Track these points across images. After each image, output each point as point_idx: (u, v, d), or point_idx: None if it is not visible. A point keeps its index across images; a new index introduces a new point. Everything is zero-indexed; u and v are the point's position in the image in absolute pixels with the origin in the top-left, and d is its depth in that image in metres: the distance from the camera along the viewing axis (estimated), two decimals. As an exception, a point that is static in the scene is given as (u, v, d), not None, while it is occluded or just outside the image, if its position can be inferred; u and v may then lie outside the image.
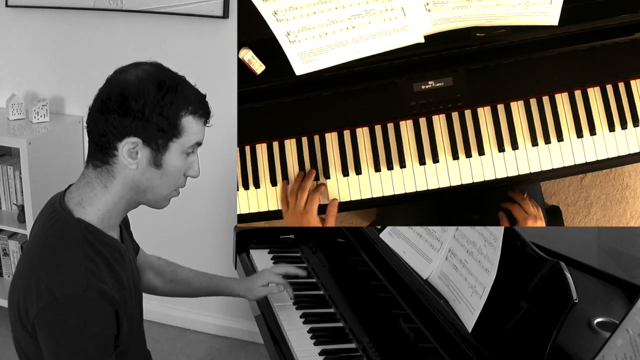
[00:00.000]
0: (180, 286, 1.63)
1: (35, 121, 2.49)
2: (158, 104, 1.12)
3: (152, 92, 1.12)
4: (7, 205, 2.65)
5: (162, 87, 1.13)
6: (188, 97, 1.16)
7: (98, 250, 1.16)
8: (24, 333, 1.15)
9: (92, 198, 1.19)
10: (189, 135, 1.17)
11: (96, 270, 1.13)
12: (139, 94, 1.12)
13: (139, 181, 1.18)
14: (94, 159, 1.18)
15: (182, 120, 1.16)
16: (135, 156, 1.15)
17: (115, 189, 1.18)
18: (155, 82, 1.13)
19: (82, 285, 1.09)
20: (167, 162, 1.18)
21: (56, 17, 2.50)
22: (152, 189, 1.20)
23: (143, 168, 1.17)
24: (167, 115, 1.13)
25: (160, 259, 1.62)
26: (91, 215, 1.18)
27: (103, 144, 1.15)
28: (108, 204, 1.19)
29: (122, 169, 1.16)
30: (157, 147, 1.15)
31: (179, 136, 1.16)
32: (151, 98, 1.12)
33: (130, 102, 1.12)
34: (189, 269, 1.65)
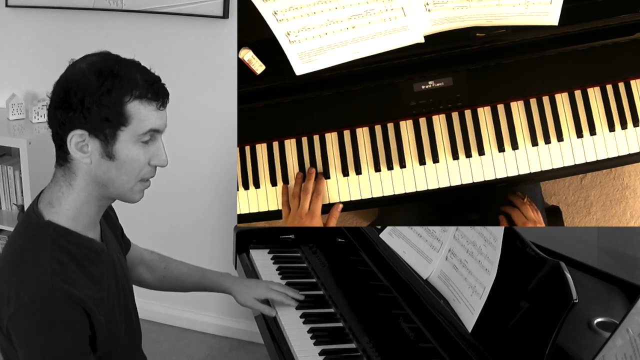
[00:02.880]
0: (172, 281, 1.61)
1: (35, 121, 2.49)
2: (97, 93, 1.09)
3: (92, 82, 1.09)
4: (7, 205, 2.65)
5: (101, 75, 1.10)
6: (133, 81, 1.11)
7: (69, 252, 1.15)
8: (2, 336, 1.16)
9: (60, 197, 1.17)
10: (139, 122, 1.12)
11: (64, 272, 1.12)
12: (78, 85, 1.09)
13: (97, 175, 1.15)
14: (57, 157, 1.18)
15: (127, 107, 1.10)
16: (86, 149, 1.13)
17: (79, 185, 1.16)
18: (96, 71, 1.10)
19: (47, 288, 1.09)
20: (119, 153, 1.13)
21: (56, 17, 2.50)
22: (112, 182, 1.16)
23: (97, 161, 1.14)
24: (107, 103, 1.09)
25: (154, 253, 1.61)
26: (61, 215, 1.17)
27: (57, 141, 1.15)
28: (76, 202, 1.17)
29: (79, 164, 1.15)
30: (106, 138, 1.12)
31: (127, 124, 1.11)
32: (90, 88, 1.09)
33: (70, 96, 1.10)
34: (183, 264, 1.63)
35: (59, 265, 1.12)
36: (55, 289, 1.09)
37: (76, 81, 1.10)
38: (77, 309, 1.12)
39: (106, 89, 1.09)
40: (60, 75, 1.15)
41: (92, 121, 1.10)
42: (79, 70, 1.12)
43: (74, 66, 1.14)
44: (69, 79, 1.12)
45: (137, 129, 1.12)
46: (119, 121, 1.11)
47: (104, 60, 1.13)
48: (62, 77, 1.14)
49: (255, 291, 1.59)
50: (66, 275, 1.12)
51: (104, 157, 1.13)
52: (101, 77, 1.10)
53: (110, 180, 1.16)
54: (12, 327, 1.10)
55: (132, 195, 1.19)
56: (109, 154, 1.13)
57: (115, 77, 1.10)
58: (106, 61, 1.13)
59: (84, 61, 1.14)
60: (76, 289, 1.12)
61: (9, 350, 1.18)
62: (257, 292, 1.59)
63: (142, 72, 1.14)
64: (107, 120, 1.10)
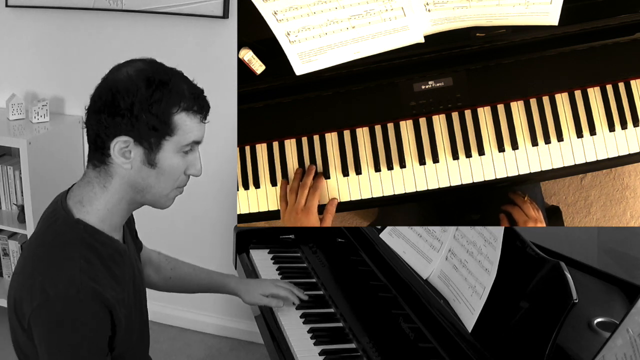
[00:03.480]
0: (179, 283, 1.62)
1: (35, 121, 2.49)
2: (147, 101, 1.09)
3: (141, 90, 1.10)
4: (7, 205, 2.65)
5: (152, 83, 1.10)
6: (181, 93, 1.12)
7: (96, 252, 1.16)
8: (21, 331, 1.16)
9: (92, 198, 1.18)
10: (184, 134, 1.14)
11: (92, 271, 1.13)
12: (127, 92, 1.09)
13: (135, 181, 1.17)
14: (92, 158, 1.18)
15: (175, 118, 1.12)
16: (129, 155, 1.13)
17: (114, 188, 1.17)
18: (145, 78, 1.10)
19: (75, 285, 1.09)
20: (162, 161, 1.15)
21: (56, 17, 2.50)
22: (149, 189, 1.18)
23: (138, 167, 1.15)
24: (156, 113, 1.10)
25: (161, 254, 1.62)
26: (92, 215, 1.18)
27: (98, 144, 1.14)
28: (108, 204, 1.19)
29: (118, 168, 1.15)
30: (150, 146, 1.13)
31: (172, 134, 1.13)
32: (140, 95, 1.09)
33: (118, 101, 1.09)
34: (189, 265, 1.65)
35: (86, 263, 1.13)
36: (83, 287, 1.10)
37: (125, 87, 1.10)
38: (102, 308, 1.13)
39: (156, 98, 1.10)
40: (104, 79, 1.15)
41: (139, 129, 1.11)
42: (126, 76, 1.11)
43: (119, 71, 1.13)
44: (115, 83, 1.11)
45: (181, 139, 1.15)
46: (165, 131, 1.12)
47: (152, 68, 1.14)
48: (107, 81, 1.13)
49: (261, 288, 1.60)
50: (93, 273, 1.13)
51: (145, 164, 1.15)
52: (151, 85, 1.10)
53: (147, 186, 1.18)
54: (34, 321, 1.10)
55: (166, 202, 1.22)
56: (151, 162, 1.15)
57: (165, 87, 1.11)
58: (155, 69, 1.14)
59: (130, 67, 1.13)
60: (102, 288, 1.13)
61: (26, 347, 1.18)
62: (262, 288, 1.60)
63: (188, 84, 1.15)
64: (154, 129, 1.12)
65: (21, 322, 1.14)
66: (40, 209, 1.28)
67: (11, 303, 1.17)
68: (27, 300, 1.11)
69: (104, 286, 1.14)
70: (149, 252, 1.60)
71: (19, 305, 1.13)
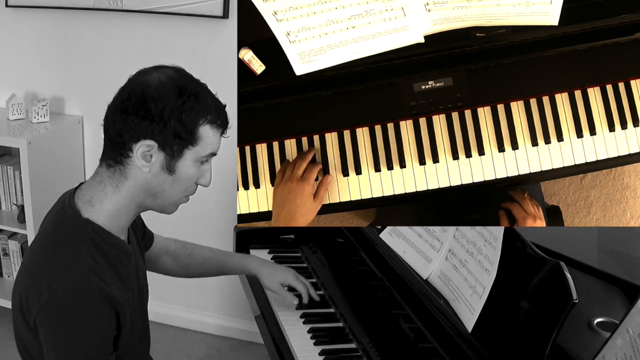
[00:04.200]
0: (197, 268, 1.62)
1: (35, 121, 2.49)
2: (177, 110, 1.12)
3: (172, 97, 1.12)
4: (7, 205, 2.65)
5: (183, 92, 1.13)
6: (208, 106, 1.16)
7: (103, 252, 1.17)
8: (26, 329, 1.16)
9: (103, 197, 1.19)
10: (205, 145, 1.17)
11: (100, 271, 1.14)
12: (160, 97, 1.11)
13: (150, 185, 1.18)
14: (108, 157, 1.18)
15: (200, 129, 1.15)
16: (150, 159, 1.15)
17: (127, 190, 1.18)
18: (176, 87, 1.13)
19: (84, 284, 1.10)
20: (180, 169, 1.17)
21: (56, 17, 2.50)
22: (162, 194, 1.20)
23: (156, 172, 1.17)
24: (185, 122, 1.13)
25: (177, 241, 1.62)
26: (100, 214, 1.19)
27: (118, 144, 1.15)
28: (118, 205, 1.19)
29: (135, 170, 1.16)
30: (172, 153, 1.15)
31: (195, 144, 1.16)
32: (171, 103, 1.12)
33: (150, 105, 1.11)
34: (206, 249, 1.64)
35: (94, 262, 1.14)
36: (91, 286, 1.10)
37: (157, 92, 1.12)
38: (109, 307, 1.14)
39: (186, 107, 1.13)
40: (131, 80, 1.16)
41: (165, 135, 1.13)
42: (158, 82, 1.13)
43: (150, 75, 1.15)
44: (147, 87, 1.12)
45: (201, 150, 1.17)
46: (189, 140, 1.15)
47: (183, 78, 1.16)
48: (137, 83, 1.14)
49: (282, 276, 1.59)
50: (101, 273, 1.14)
51: (164, 170, 1.17)
52: (183, 95, 1.13)
53: (161, 191, 1.19)
54: (41, 319, 1.11)
55: (172, 208, 1.25)
56: (170, 168, 1.17)
57: (195, 98, 1.14)
58: (186, 79, 1.16)
59: (162, 73, 1.15)
60: (109, 287, 1.14)
61: (31, 346, 1.18)
62: (284, 277, 1.59)
63: (213, 98, 1.19)
64: (179, 137, 1.14)
65: (27, 320, 1.14)
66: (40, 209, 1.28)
67: (16, 301, 1.17)
68: (34, 299, 1.11)
69: (110, 285, 1.15)
70: (165, 240, 1.60)
71: (25, 303, 1.14)
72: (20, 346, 1.23)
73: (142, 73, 1.17)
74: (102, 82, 2.51)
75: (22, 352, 1.23)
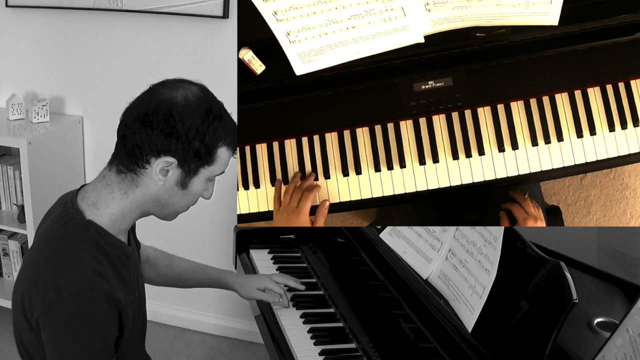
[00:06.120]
0: (175, 278, 1.65)
1: (35, 121, 2.49)
2: (203, 131, 1.14)
3: (198, 119, 1.14)
4: (7, 205, 2.65)
5: (209, 115, 1.15)
6: (229, 129, 1.19)
7: (106, 253, 1.17)
8: (27, 329, 1.16)
9: (109, 201, 1.19)
10: (219, 165, 1.21)
11: (103, 272, 1.14)
12: (187, 117, 1.13)
13: (160, 196, 1.20)
14: (119, 163, 1.18)
15: (218, 150, 1.18)
16: (166, 174, 1.17)
17: (135, 197, 1.20)
18: (203, 109, 1.15)
19: (88, 285, 1.10)
20: (192, 185, 1.20)
21: (56, 17, 2.50)
22: (171, 205, 1.23)
23: (169, 186, 1.19)
24: (207, 143, 1.16)
25: (157, 250, 1.64)
26: (104, 217, 1.19)
27: (136, 154, 1.15)
28: (123, 210, 1.20)
29: (148, 181, 1.18)
30: (189, 170, 1.18)
31: (211, 164, 1.19)
32: (196, 123, 1.14)
33: (177, 124, 1.12)
34: (185, 261, 1.66)
35: (98, 264, 1.14)
36: (96, 287, 1.11)
37: (186, 112, 1.13)
38: (112, 308, 1.14)
39: (211, 130, 1.15)
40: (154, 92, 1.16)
41: (186, 154, 1.15)
42: (184, 100, 1.14)
43: (176, 92, 1.15)
44: (174, 105, 1.13)
45: (215, 170, 1.21)
46: (207, 160, 1.18)
47: (209, 99, 1.18)
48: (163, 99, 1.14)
49: (257, 282, 1.61)
50: (104, 274, 1.15)
51: (178, 185, 1.19)
52: (209, 116, 1.15)
53: (170, 203, 1.22)
54: (45, 320, 1.11)
55: (174, 217, 1.28)
56: (184, 184, 1.20)
57: (220, 120, 1.17)
58: (211, 101, 1.18)
59: (188, 91, 1.16)
60: (113, 288, 1.15)
61: (32, 347, 1.19)
62: (258, 282, 1.61)
63: (231, 120, 1.22)
64: (198, 157, 1.16)
65: (29, 321, 1.14)
66: (40, 209, 1.28)
67: (18, 302, 1.17)
68: (37, 300, 1.11)
69: (114, 287, 1.15)
70: (146, 249, 1.61)
71: (27, 304, 1.14)
72: (20, 346, 1.23)
73: (166, 86, 1.17)
74: (102, 82, 2.51)
75: (22, 352, 1.23)
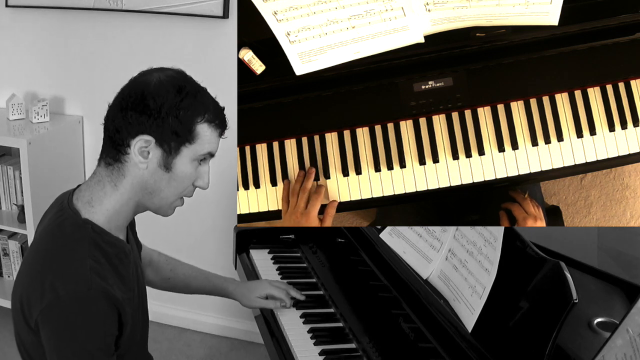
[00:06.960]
0: (177, 284, 1.65)
1: (35, 121, 2.49)
2: (175, 106, 1.14)
3: (171, 94, 1.14)
4: (7, 205, 2.65)
5: (182, 91, 1.15)
6: (206, 105, 1.18)
7: (104, 251, 1.17)
8: (27, 329, 1.16)
9: (102, 197, 1.20)
10: (202, 143, 1.19)
11: (101, 271, 1.14)
12: (158, 94, 1.14)
13: (147, 182, 1.19)
14: (106, 156, 1.20)
15: (197, 127, 1.17)
16: (147, 155, 1.16)
17: (125, 188, 1.19)
18: (176, 85, 1.15)
19: (86, 284, 1.10)
20: (176, 167, 1.19)
21: (56, 17, 2.50)
22: (159, 192, 1.21)
23: (153, 169, 1.18)
24: (182, 119, 1.15)
25: (161, 254, 1.64)
26: (99, 215, 1.19)
27: (117, 140, 1.16)
28: (117, 204, 1.20)
29: (133, 167, 1.17)
30: (169, 150, 1.17)
31: (192, 142, 1.17)
32: (169, 99, 1.14)
33: (148, 101, 1.13)
34: (189, 267, 1.66)
35: (95, 263, 1.14)
36: (94, 286, 1.11)
37: (156, 89, 1.14)
38: (111, 307, 1.14)
39: (184, 105, 1.15)
40: (133, 80, 1.19)
41: (162, 131, 1.15)
42: (158, 80, 1.16)
43: (151, 74, 1.18)
44: (147, 85, 1.15)
45: (199, 149, 1.19)
46: (187, 138, 1.17)
47: (183, 79, 1.19)
48: (137, 82, 1.17)
49: (257, 290, 1.61)
50: (102, 273, 1.14)
51: (161, 167, 1.18)
52: (181, 92, 1.15)
53: (157, 189, 1.21)
54: (43, 320, 1.11)
55: (167, 210, 1.25)
56: (167, 166, 1.18)
57: (194, 97, 1.17)
58: (186, 80, 1.19)
59: (162, 73, 1.18)
60: (111, 287, 1.15)
61: (32, 348, 1.18)
62: (259, 290, 1.61)
63: (212, 99, 1.21)
64: (176, 134, 1.16)
65: (28, 321, 1.14)
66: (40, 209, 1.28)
67: (17, 303, 1.17)
68: (35, 300, 1.11)
69: (112, 285, 1.15)
70: (150, 252, 1.61)
71: (26, 304, 1.14)
72: (20, 346, 1.23)
73: (143, 74, 1.19)
74: (102, 82, 2.51)
75: (22, 352, 1.23)
